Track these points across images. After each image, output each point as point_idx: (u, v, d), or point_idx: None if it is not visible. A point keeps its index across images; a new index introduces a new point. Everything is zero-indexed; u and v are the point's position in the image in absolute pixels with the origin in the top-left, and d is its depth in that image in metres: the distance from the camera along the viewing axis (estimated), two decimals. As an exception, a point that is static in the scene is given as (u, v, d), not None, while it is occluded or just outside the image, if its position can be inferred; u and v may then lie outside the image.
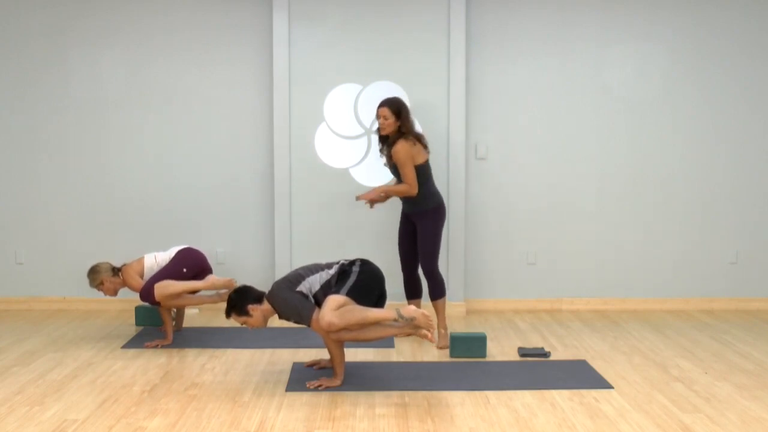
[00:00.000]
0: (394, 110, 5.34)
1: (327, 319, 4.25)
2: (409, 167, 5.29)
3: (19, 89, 6.49)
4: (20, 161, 6.54)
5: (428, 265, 5.42)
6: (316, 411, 4.01)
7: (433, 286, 5.44)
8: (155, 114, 6.50)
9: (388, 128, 5.36)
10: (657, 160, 6.55)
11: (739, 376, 4.63)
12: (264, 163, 6.52)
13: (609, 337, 5.61)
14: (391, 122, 5.34)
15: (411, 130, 5.39)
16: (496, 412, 4.00)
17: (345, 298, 4.34)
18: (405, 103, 5.45)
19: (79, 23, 6.45)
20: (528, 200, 6.55)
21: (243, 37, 6.45)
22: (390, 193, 5.45)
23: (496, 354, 5.14)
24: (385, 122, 5.35)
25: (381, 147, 5.55)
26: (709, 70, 6.52)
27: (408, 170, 5.29)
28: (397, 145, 5.29)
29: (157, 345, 5.30)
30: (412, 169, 5.29)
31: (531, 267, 6.60)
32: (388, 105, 5.37)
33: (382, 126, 5.38)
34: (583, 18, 6.47)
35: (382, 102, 5.42)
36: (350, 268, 4.51)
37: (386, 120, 5.34)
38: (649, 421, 3.87)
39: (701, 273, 6.62)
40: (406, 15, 6.38)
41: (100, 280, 5.39)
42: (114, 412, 3.99)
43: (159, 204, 6.53)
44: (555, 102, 6.51)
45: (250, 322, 4.47)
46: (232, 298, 4.49)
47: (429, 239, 5.40)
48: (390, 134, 5.38)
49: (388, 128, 5.36)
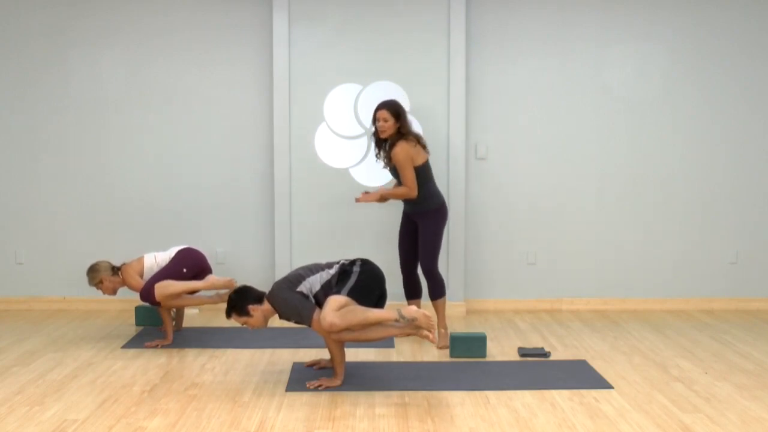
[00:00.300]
0: (393, 112, 5.33)
1: (328, 319, 4.25)
2: (408, 169, 5.27)
3: (19, 89, 6.49)
4: (20, 161, 6.54)
5: (428, 265, 5.41)
6: (316, 411, 4.01)
7: (432, 285, 5.44)
8: (155, 114, 6.50)
9: (388, 130, 5.34)
10: (657, 160, 6.55)
11: (739, 376, 4.63)
12: (264, 163, 6.52)
13: (609, 337, 5.61)
14: (391, 124, 5.32)
15: (410, 130, 5.39)
16: (496, 412, 4.00)
17: (346, 299, 4.33)
18: (402, 105, 5.44)
19: (79, 23, 6.45)
20: (528, 200, 6.55)
21: (243, 37, 6.45)
22: (389, 197, 5.43)
23: (496, 354, 5.14)
24: (384, 124, 5.33)
25: (377, 152, 5.51)
26: (709, 70, 6.52)
27: (408, 172, 5.28)
28: (397, 147, 5.28)
29: (157, 345, 5.30)
30: (412, 171, 5.28)
31: (531, 267, 6.60)
32: (386, 107, 5.35)
33: (382, 129, 5.35)
34: (583, 18, 6.47)
35: (381, 104, 5.40)
36: (351, 269, 4.50)
37: (386, 122, 5.32)
38: (649, 421, 3.87)
39: (701, 273, 6.62)
40: (406, 15, 6.38)
41: (99, 279, 5.39)
42: (114, 412, 3.99)
43: (159, 204, 6.53)
44: (555, 102, 6.51)
45: (250, 323, 4.47)
46: (233, 298, 4.49)
47: (430, 239, 5.39)
48: (389, 137, 5.37)
49: (388, 130, 5.34)
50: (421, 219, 5.42)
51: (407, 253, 5.59)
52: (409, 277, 5.62)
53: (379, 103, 5.44)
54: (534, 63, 6.49)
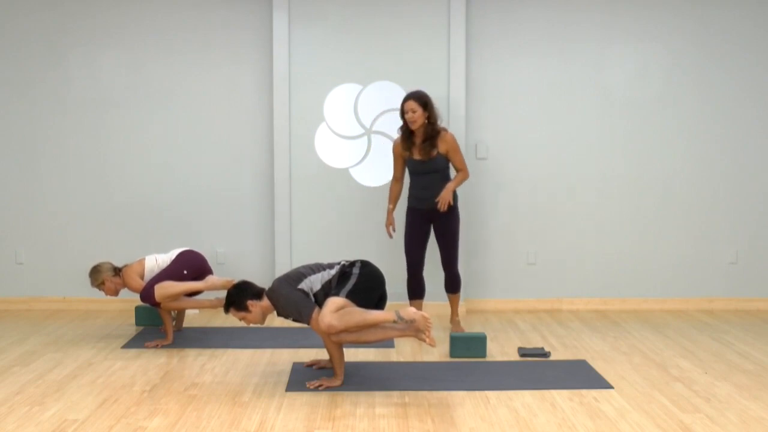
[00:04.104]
0: (421, 102, 5.44)
1: (326, 321, 4.24)
2: (460, 152, 5.58)
3: (19, 89, 6.49)
4: (20, 161, 6.54)
5: (456, 259, 5.68)
6: (316, 411, 4.01)
7: (455, 279, 5.73)
8: (155, 114, 6.50)
9: (418, 120, 5.44)
10: (657, 160, 6.55)
11: (739, 376, 4.63)
12: (264, 163, 6.52)
13: (609, 337, 5.61)
14: (419, 114, 5.42)
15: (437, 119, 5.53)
16: (496, 412, 4.00)
17: (344, 300, 4.32)
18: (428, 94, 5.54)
19: (79, 23, 6.45)
20: (528, 200, 6.55)
21: (243, 37, 6.45)
22: (456, 187, 5.58)
23: (496, 354, 5.14)
24: (414, 115, 5.42)
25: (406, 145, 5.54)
26: (710, 70, 6.52)
27: (461, 155, 5.59)
28: (447, 135, 5.52)
29: (157, 345, 5.30)
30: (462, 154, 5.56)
31: (531, 267, 6.60)
32: (415, 98, 5.45)
33: (412, 120, 5.43)
34: (583, 18, 6.47)
35: (408, 96, 5.50)
36: (350, 270, 4.50)
37: (414, 113, 5.42)
38: (649, 421, 3.87)
39: (701, 273, 6.62)
40: (406, 15, 6.38)
41: (101, 280, 5.39)
42: (114, 412, 3.99)
43: (159, 203, 6.53)
44: (555, 102, 6.51)
45: (248, 318, 4.45)
46: (232, 293, 4.48)
47: (457, 234, 5.65)
48: (419, 127, 5.46)
49: (418, 120, 5.44)
50: (446, 214, 5.55)
51: (418, 253, 5.66)
52: (415, 277, 5.69)
53: (406, 95, 5.55)
54: (534, 63, 6.49)
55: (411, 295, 5.72)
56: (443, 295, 5.93)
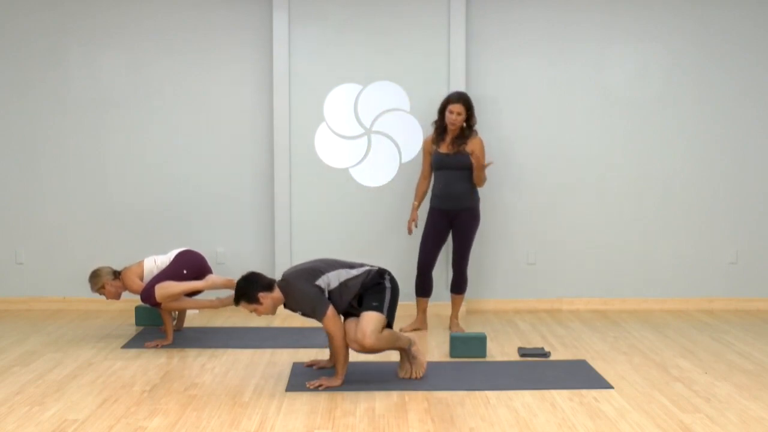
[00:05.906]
0: (467, 107, 5.60)
1: (369, 341, 4.33)
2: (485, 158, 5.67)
3: (19, 89, 6.49)
4: (20, 161, 6.54)
5: (467, 263, 5.74)
6: (316, 411, 4.01)
7: (463, 281, 5.79)
8: (155, 114, 6.50)
9: (459, 123, 5.59)
10: (657, 159, 6.55)
11: (739, 376, 4.63)
12: (264, 163, 6.52)
13: (609, 337, 5.61)
14: (463, 117, 5.59)
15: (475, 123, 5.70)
16: (496, 412, 4.00)
17: (384, 318, 4.43)
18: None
19: (79, 23, 6.45)
20: (528, 200, 6.55)
21: (243, 37, 6.45)
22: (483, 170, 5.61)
23: (496, 354, 5.14)
24: (458, 118, 5.58)
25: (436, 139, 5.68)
26: (710, 70, 6.52)
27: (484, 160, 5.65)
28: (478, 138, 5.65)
29: (157, 345, 5.30)
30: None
31: (531, 267, 6.59)
32: (463, 102, 5.60)
33: (455, 122, 5.58)
34: (583, 18, 6.47)
35: (454, 98, 5.61)
36: (382, 281, 4.50)
37: (459, 116, 5.58)
38: (649, 421, 3.87)
39: (701, 273, 6.62)
40: (406, 15, 6.38)
41: (101, 284, 5.38)
42: (114, 412, 3.99)
43: (159, 203, 6.53)
44: (555, 102, 6.51)
45: (260, 310, 4.36)
46: (242, 285, 4.36)
47: (474, 237, 5.73)
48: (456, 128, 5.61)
49: (459, 123, 5.59)
50: (469, 214, 5.64)
51: (431, 253, 5.74)
52: (425, 275, 5.77)
53: (452, 96, 5.65)
54: (534, 63, 6.49)
55: (419, 292, 5.78)
56: (443, 295, 5.94)
